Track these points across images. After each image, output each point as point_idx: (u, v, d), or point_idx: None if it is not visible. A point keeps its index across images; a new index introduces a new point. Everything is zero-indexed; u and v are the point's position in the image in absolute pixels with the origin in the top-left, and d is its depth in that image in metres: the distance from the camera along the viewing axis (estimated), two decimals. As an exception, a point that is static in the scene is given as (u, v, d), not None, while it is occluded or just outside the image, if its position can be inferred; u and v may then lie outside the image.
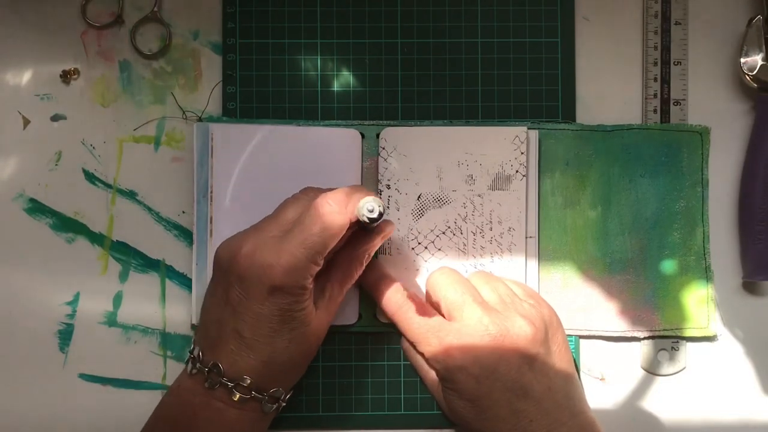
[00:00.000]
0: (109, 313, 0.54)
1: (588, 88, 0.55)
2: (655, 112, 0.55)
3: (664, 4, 0.55)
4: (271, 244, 0.45)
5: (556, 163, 0.54)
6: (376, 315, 0.53)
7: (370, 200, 0.44)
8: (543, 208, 0.54)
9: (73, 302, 0.54)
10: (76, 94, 0.55)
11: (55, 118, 0.54)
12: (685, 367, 0.54)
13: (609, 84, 0.55)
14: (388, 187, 0.53)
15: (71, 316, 0.54)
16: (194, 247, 0.53)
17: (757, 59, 0.53)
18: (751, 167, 0.54)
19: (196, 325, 0.52)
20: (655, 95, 0.55)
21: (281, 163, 0.53)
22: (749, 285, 0.55)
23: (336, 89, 0.55)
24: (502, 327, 0.47)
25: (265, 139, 0.53)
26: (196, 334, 0.49)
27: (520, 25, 0.55)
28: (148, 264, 0.54)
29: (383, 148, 0.53)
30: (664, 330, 0.53)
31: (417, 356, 0.51)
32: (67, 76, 0.54)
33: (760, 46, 0.53)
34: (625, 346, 0.54)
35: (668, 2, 0.55)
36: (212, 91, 0.55)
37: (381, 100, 0.55)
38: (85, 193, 0.54)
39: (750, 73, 0.53)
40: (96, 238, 0.54)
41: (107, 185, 0.54)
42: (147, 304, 0.54)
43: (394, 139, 0.53)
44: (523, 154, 0.53)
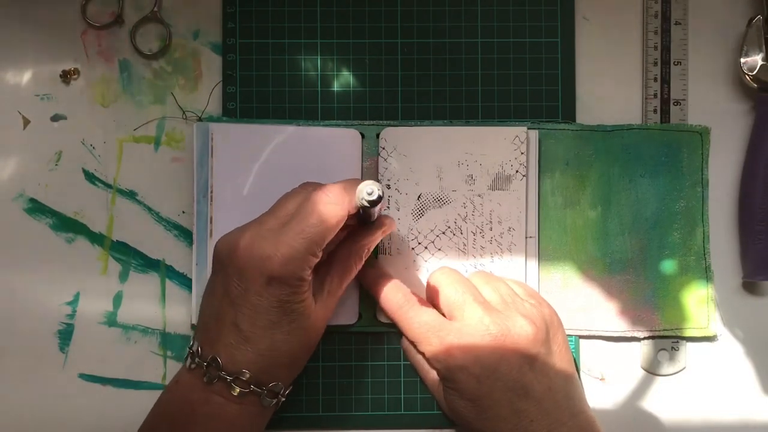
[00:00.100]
0: (109, 313, 0.54)
1: (588, 88, 0.55)
2: (655, 112, 0.55)
3: (664, 4, 0.55)
4: (270, 236, 0.45)
5: (556, 163, 0.54)
6: (376, 315, 0.53)
7: (370, 183, 0.44)
8: (543, 208, 0.54)
9: (73, 302, 0.54)
10: (76, 94, 0.55)
11: (55, 118, 0.54)
12: (685, 367, 0.54)
13: (609, 84, 0.55)
14: (388, 187, 0.53)
15: (71, 316, 0.54)
16: (194, 247, 0.53)
17: (757, 59, 0.53)
18: (751, 167, 0.54)
19: (196, 324, 0.52)
20: (655, 95, 0.55)
21: (281, 163, 0.53)
22: (749, 285, 0.55)
23: (336, 89, 0.55)
24: (503, 326, 0.47)
25: (266, 139, 0.53)
26: (195, 330, 0.49)
27: (520, 25, 0.55)
28: (148, 264, 0.54)
29: (383, 148, 0.53)
30: (664, 330, 0.53)
31: (417, 356, 0.51)
32: (67, 76, 0.54)
33: (760, 46, 0.53)
34: (625, 346, 0.54)
35: (668, 2, 0.55)
36: (212, 91, 0.55)
37: (381, 100, 0.55)
38: (85, 193, 0.54)
39: (750, 73, 0.53)
40: (96, 238, 0.54)
41: (107, 185, 0.54)
42: (147, 304, 0.54)
43: (394, 139, 0.53)
44: (523, 154, 0.53)
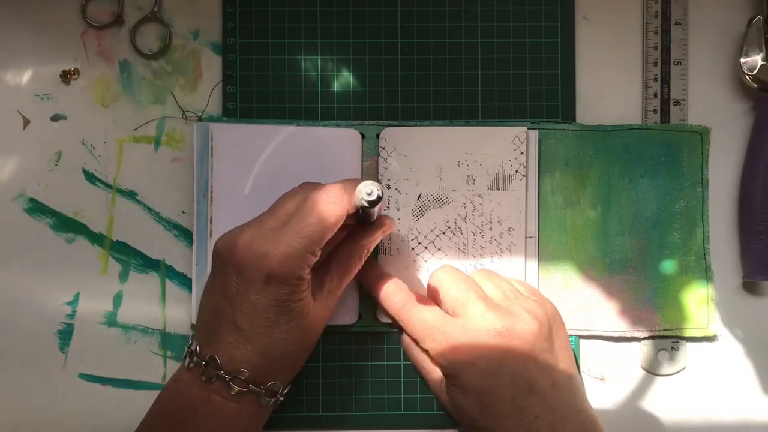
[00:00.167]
0: (109, 313, 0.54)
1: (588, 88, 0.55)
2: (655, 112, 0.55)
3: (664, 4, 0.55)
4: (269, 235, 0.46)
5: (556, 163, 0.54)
6: (376, 315, 0.53)
7: (369, 183, 0.44)
8: (543, 208, 0.54)
9: (73, 302, 0.54)
10: (76, 94, 0.55)
11: (55, 118, 0.54)
12: (685, 367, 0.54)
13: (609, 84, 0.55)
14: (388, 187, 0.53)
15: (71, 316, 0.54)
16: (194, 247, 0.53)
17: (757, 59, 0.53)
18: (751, 167, 0.54)
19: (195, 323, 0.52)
20: (655, 95, 0.55)
21: (281, 163, 0.53)
22: (749, 285, 0.55)
23: (336, 89, 0.55)
24: (507, 322, 0.47)
25: (266, 139, 0.53)
26: (194, 329, 0.49)
27: (520, 25, 0.55)
28: (148, 264, 0.54)
29: (383, 148, 0.53)
30: (664, 330, 0.53)
31: (419, 354, 0.51)
32: (67, 76, 0.54)
33: (760, 46, 0.53)
34: (625, 346, 0.54)
35: (668, 2, 0.55)
36: (212, 91, 0.55)
37: (381, 100, 0.55)
38: (85, 193, 0.54)
39: (750, 73, 0.53)
40: (96, 238, 0.54)
41: (107, 185, 0.54)
42: (147, 304, 0.54)
43: (394, 139, 0.53)
44: (522, 154, 0.53)
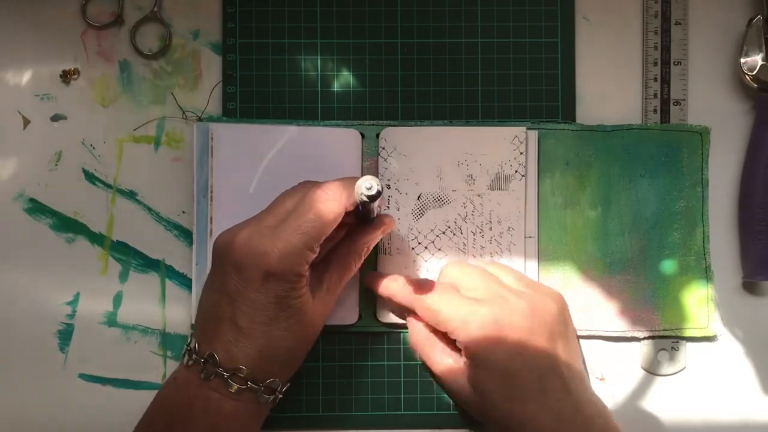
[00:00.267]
0: (109, 313, 0.54)
1: (588, 88, 0.55)
2: (655, 112, 0.55)
3: (664, 4, 0.55)
4: (267, 233, 0.46)
5: (556, 163, 0.54)
6: (376, 315, 0.53)
7: (369, 178, 0.44)
8: (543, 208, 0.54)
9: (73, 302, 0.54)
10: (76, 94, 0.55)
11: (55, 118, 0.54)
12: (685, 367, 0.54)
13: (609, 84, 0.55)
14: (388, 187, 0.53)
15: (71, 316, 0.54)
16: (194, 247, 0.53)
17: (757, 59, 0.53)
18: (751, 167, 0.54)
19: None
20: (655, 95, 0.55)
21: (281, 163, 0.53)
22: (749, 285, 0.55)
23: (336, 89, 0.55)
24: (530, 303, 0.48)
25: (266, 139, 0.53)
26: (193, 328, 0.49)
27: (520, 25, 0.55)
28: (148, 264, 0.54)
29: (383, 148, 0.53)
30: (664, 330, 0.53)
31: (434, 343, 0.50)
32: (67, 76, 0.54)
33: (760, 46, 0.53)
34: (625, 346, 0.54)
35: (668, 2, 0.55)
36: (212, 91, 0.55)
37: (381, 100, 0.55)
38: (85, 193, 0.54)
39: (750, 73, 0.53)
40: (96, 238, 0.54)
41: (107, 185, 0.54)
42: (147, 304, 0.54)
43: (394, 139, 0.53)
44: (522, 154, 0.53)
